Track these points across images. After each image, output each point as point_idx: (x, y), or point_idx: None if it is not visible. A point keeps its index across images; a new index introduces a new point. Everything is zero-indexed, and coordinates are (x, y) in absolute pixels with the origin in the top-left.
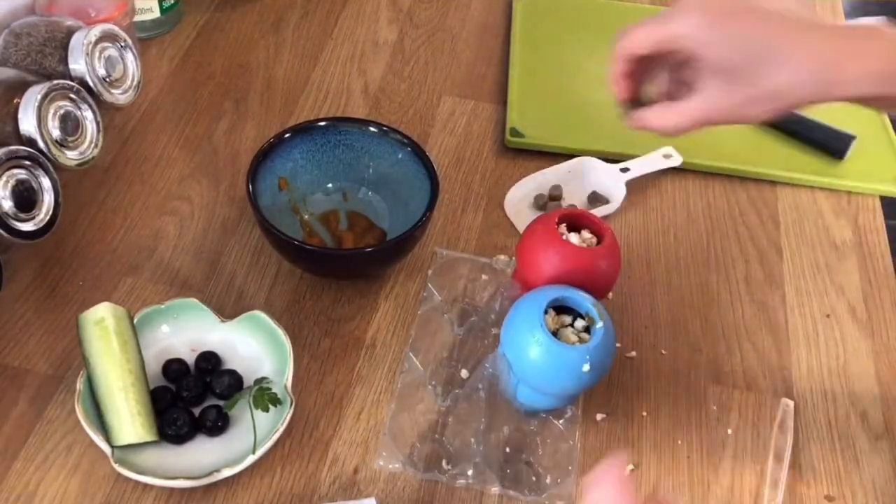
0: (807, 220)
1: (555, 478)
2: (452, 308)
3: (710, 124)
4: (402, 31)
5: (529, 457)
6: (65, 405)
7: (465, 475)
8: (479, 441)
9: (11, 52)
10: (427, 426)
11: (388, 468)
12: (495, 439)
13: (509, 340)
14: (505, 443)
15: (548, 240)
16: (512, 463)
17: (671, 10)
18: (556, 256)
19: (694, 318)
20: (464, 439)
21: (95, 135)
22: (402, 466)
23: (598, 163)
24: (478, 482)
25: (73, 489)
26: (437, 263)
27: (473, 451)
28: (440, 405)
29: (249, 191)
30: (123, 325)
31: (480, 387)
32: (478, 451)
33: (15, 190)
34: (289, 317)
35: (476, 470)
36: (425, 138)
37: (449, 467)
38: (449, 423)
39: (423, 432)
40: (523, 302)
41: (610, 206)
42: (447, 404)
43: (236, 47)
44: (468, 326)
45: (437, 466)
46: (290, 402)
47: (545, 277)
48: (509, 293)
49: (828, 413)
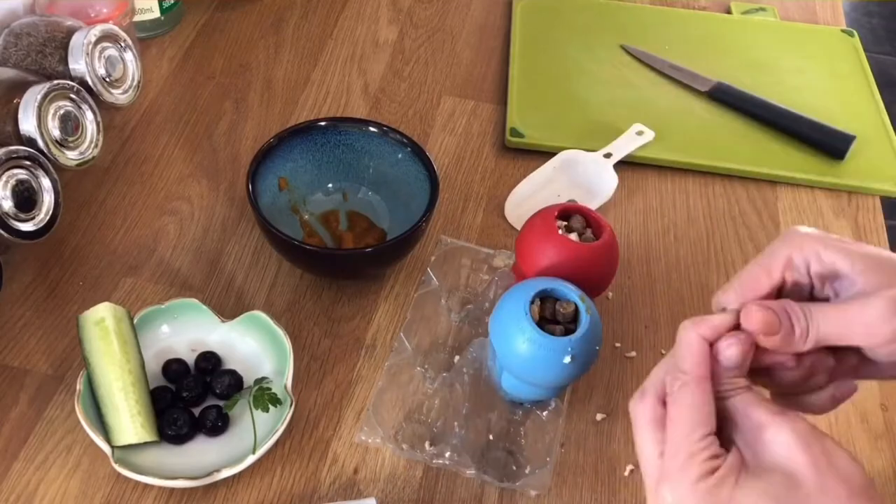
0: (807, 220)
1: (533, 468)
2: (452, 295)
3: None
4: (402, 31)
5: (511, 445)
6: (65, 405)
7: (442, 455)
8: (462, 425)
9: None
10: (414, 406)
11: (368, 442)
12: (479, 425)
13: (495, 329)
14: (489, 430)
15: (545, 234)
16: (493, 450)
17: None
18: (553, 251)
19: None
20: (448, 422)
21: (95, 135)
22: (383, 442)
23: (581, 154)
24: (455, 464)
25: (73, 489)
26: (441, 251)
27: (455, 434)
28: (428, 387)
29: (249, 191)
30: (123, 325)
31: (465, 370)
32: (459, 434)
33: (15, 190)
34: (289, 317)
35: (454, 452)
36: (425, 138)
37: (430, 448)
38: (435, 405)
39: (410, 412)
40: (512, 292)
41: (606, 194)
42: (435, 387)
43: (236, 47)
44: (465, 314)
45: (420, 447)
46: (290, 402)
47: (541, 271)
48: (503, 282)
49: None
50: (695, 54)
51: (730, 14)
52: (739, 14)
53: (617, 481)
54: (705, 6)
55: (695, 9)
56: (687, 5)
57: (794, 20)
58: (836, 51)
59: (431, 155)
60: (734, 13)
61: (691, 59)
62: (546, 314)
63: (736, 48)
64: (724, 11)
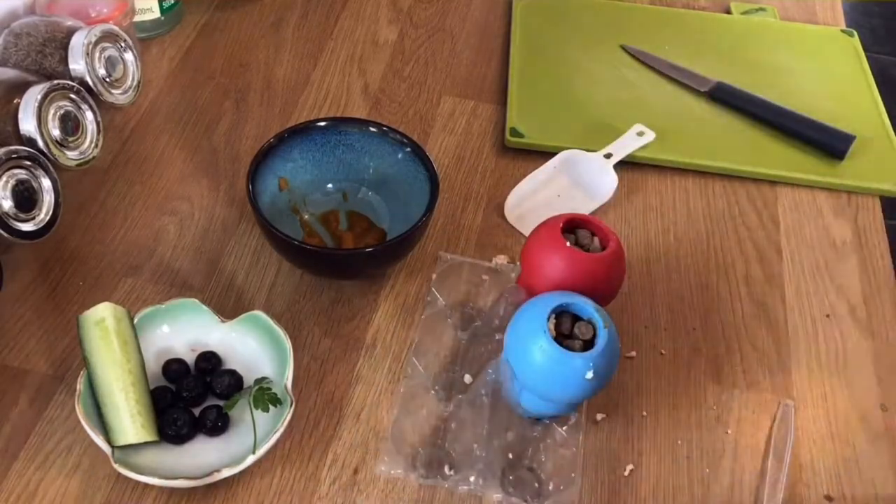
0: (807, 220)
1: (557, 484)
2: (455, 312)
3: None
4: (402, 31)
5: (532, 463)
6: (65, 405)
7: (467, 481)
8: (482, 447)
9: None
10: (430, 431)
11: (390, 473)
12: (498, 445)
13: (513, 347)
14: (507, 449)
15: (552, 246)
16: (514, 469)
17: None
18: (561, 263)
19: (694, 318)
20: (466, 445)
21: (95, 135)
22: (405, 472)
23: (582, 154)
24: (480, 488)
25: (73, 489)
26: (441, 267)
27: (476, 456)
28: (443, 410)
29: (249, 191)
30: (123, 326)
31: (484, 392)
32: (480, 457)
33: (15, 190)
34: (289, 317)
35: (479, 476)
36: (425, 138)
37: (451, 473)
38: (452, 428)
39: (426, 437)
40: (526, 308)
41: (606, 194)
42: (450, 409)
43: (236, 47)
44: (472, 331)
45: (440, 472)
46: (290, 402)
47: (549, 283)
48: (514, 298)
49: (828, 413)
50: (695, 54)
51: (730, 14)
52: (739, 14)
53: (617, 481)
54: (705, 6)
55: (695, 9)
56: (687, 5)
57: (794, 20)
58: (836, 51)
59: (431, 155)
60: (734, 13)
61: (691, 59)
62: (563, 329)
63: (736, 48)
64: (724, 11)
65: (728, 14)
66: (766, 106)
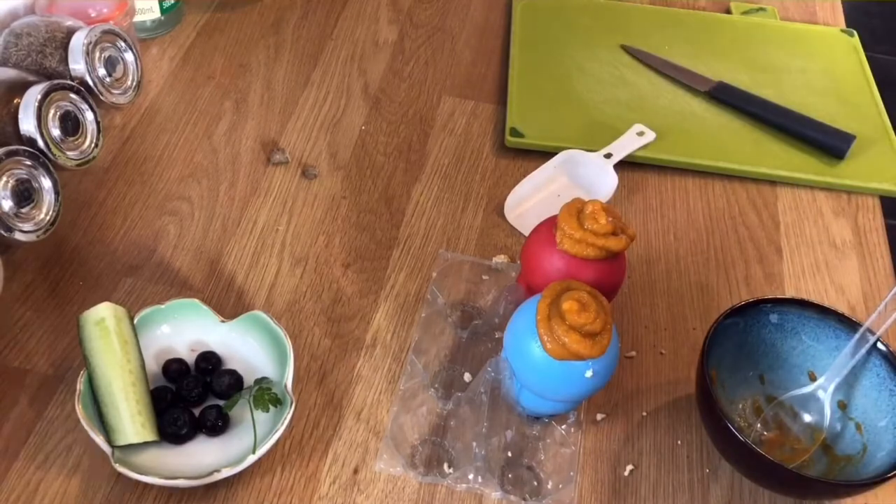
0: (807, 220)
1: (556, 483)
2: (455, 311)
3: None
4: (402, 31)
5: (531, 461)
6: (65, 405)
7: (466, 479)
8: (482, 445)
9: (12, 52)
10: (429, 429)
11: (389, 471)
12: (497, 443)
13: (512, 346)
14: (506, 447)
15: (552, 245)
16: (513, 467)
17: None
18: (561, 262)
19: (694, 318)
20: (465, 443)
21: (95, 135)
22: (404, 469)
23: (581, 154)
24: (479, 486)
25: (73, 489)
26: (441, 266)
27: (475, 454)
28: (442, 408)
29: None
30: (123, 325)
31: (483, 391)
32: (479, 455)
33: (15, 190)
34: (289, 317)
35: (477, 474)
36: (425, 138)
37: (450, 471)
38: (451, 426)
39: (425, 435)
40: (526, 307)
41: (606, 194)
42: (449, 407)
43: (236, 47)
44: (471, 330)
45: (439, 470)
46: (290, 402)
47: (549, 282)
48: (513, 297)
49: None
50: (695, 54)
51: (730, 14)
52: (739, 14)
53: (617, 481)
54: (705, 6)
55: (695, 9)
56: (687, 5)
57: (794, 20)
58: (835, 51)
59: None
60: (734, 13)
61: (691, 59)
62: None
63: (736, 48)
64: (723, 11)
65: (728, 14)
66: (766, 106)
